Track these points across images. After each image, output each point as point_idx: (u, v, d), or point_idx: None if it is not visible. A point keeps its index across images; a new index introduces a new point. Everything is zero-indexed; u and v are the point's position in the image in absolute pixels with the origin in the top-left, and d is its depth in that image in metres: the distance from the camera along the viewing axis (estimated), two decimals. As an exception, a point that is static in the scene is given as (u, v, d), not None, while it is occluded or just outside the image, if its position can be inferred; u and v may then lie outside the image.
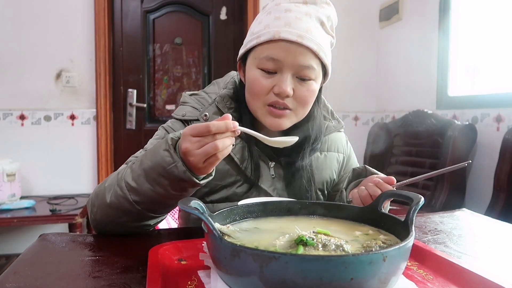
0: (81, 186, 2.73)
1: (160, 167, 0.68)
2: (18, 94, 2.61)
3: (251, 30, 0.86)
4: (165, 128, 0.93)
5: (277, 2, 0.85)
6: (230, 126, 0.64)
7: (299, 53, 0.80)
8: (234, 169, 0.89)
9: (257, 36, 0.82)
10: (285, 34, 0.78)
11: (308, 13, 0.82)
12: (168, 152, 0.67)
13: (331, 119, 1.02)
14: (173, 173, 0.67)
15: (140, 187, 0.71)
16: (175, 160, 0.66)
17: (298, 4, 0.83)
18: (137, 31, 2.91)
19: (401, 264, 0.48)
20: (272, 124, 0.85)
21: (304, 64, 0.80)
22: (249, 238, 0.59)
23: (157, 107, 3.00)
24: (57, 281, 0.57)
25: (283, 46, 0.79)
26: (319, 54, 0.81)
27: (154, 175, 0.69)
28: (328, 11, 0.86)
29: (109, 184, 0.76)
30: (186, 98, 0.96)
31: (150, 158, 0.70)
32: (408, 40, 2.88)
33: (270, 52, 0.80)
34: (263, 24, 0.83)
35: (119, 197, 0.73)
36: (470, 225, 0.93)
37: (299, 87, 0.82)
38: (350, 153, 1.06)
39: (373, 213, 0.66)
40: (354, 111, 3.24)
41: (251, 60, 0.85)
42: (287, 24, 0.80)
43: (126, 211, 0.74)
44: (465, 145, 2.17)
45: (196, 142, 0.64)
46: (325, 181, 0.99)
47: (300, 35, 0.79)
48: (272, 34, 0.79)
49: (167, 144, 0.68)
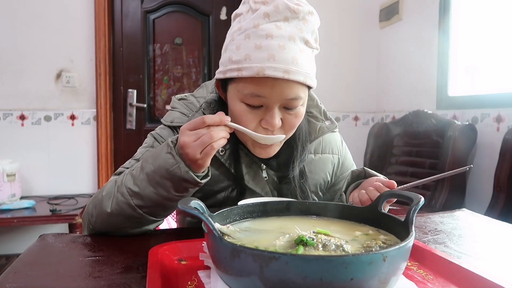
0: (81, 186, 2.74)
1: (163, 169, 0.71)
2: (18, 94, 2.61)
3: (228, 55, 0.76)
4: (153, 135, 0.93)
5: (255, 22, 0.74)
6: (224, 119, 0.70)
7: (285, 87, 0.73)
8: (225, 173, 0.89)
9: (238, 68, 0.74)
10: (270, 71, 0.71)
11: (291, 37, 0.73)
12: (170, 155, 0.71)
13: (323, 120, 0.98)
14: (176, 174, 0.70)
15: (143, 191, 0.73)
16: (178, 162, 0.70)
17: (279, 24, 0.73)
18: (137, 31, 2.91)
19: (401, 264, 0.48)
20: (261, 154, 0.83)
21: (291, 97, 0.75)
22: (249, 238, 0.59)
23: (157, 107, 3.00)
24: (57, 281, 0.57)
25: (268, 83, 0.72)
26: (306, 82, 0.75)
27: (157, 178, 0.72)
28: (312, 24, 0.77)
29: (108, 193, 0.77)
30: (175, 103, 0.95)
31: (152, 162, 0.73)
32: (408, 40, 2.88)
33: (254, 89, 0.74)
34: (243, 52, 0.74)
35: (120, 203, 0.74)
36: (470, 225, 0.93)
37: (286, 116, 0.79)
38: (345, 154, 1.05)
39: (373, 213, 0.66)
40: (354, 111, 3.24)
41: (233, 91, 0.78)
42: (271, 57, 0.71)
43: (128, 217, 0.75)
44: (465, 145, 2.17)
45: (193, 135, 0.69)
46: (319, 183, 0.98)
47: (286, 70, 0.71)
48: (256, 71, 0.71)
49: (168, 147, 0.71)
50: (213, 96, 0.92)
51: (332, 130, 1.00)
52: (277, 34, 0.73)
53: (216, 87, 0.87)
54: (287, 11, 0.73)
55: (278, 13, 0.73)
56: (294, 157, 0.89)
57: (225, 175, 0.89)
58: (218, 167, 0.88)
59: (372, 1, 3.21)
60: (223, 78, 0.78)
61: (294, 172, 0.89)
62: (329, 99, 2.99)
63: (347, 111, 3.22)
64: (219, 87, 0.85)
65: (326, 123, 0.98)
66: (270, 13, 0.73)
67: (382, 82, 3.22)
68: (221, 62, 0.80)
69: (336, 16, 3.03)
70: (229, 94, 0.80)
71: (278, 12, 0.73)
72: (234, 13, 0.82)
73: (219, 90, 0.87)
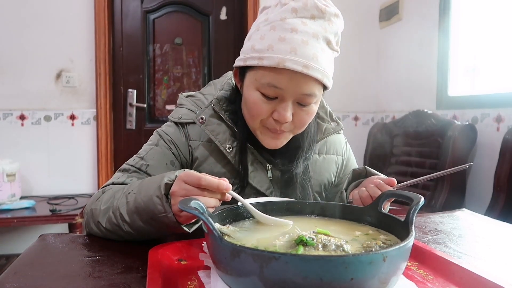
0: (81, 186, 2.73)
1: (151, 212, 0.68)
2: (18, 94, 2.61)
3: (251, 44, 0.79)
4: (159, 133, 0.93)
5: (282, 16, 0.76)
6: (223, 187, 0.62)
7: (303, 82, 0.75)
8: (231, 171, 0.89)
9: (259, 57, 0.76)
10: (290, 63, 0.73)
11: (315, 35, 0.75)
12: (160, 201, 0.66)
13: (329, 121, 1.00)
14: (163, 221, 0.67)
15: (133, 223, 0.72)
16: (167, 211, 0.66)
17: (305, 21, 0.75)
18: (137, 31, 2.91)
19: (401, 264, 0.48)
20: (269, 144, 0.85)
21: (307, 93, 0.77)
22: (249, 238, 0.59)
23: (157, 107, 3.00)
24: (57, 281, 0.57)
25: (286, 75, 0.74)
26: (323, 80, 0.77)
27: (146, 217, 0.70)
28: (336, 26, 0.79)
29: (105, 208, 0.77)
30: (182, 100, 0.96)
31: (143, 199, 0.70)
32: (408, 40, 2.88)
33: (272, 79, 0.76)
34: (266, 42, 0.76)
35: (113, 224, 0.75)
36: (470, 225, 0.93)
37: (298, 112, 0.80)
38: (349, 155, 1.05)
39: (373, 213, 0.66)
40: (354, 111, 3.24)
41: (251, 79, 0.80)
42: (293, 50, 0.73)
43: (120, 236, 0.76)
44: (465, 145, 2.17)
45: (183, 190, 0.64)
46: (323, 184, 0.99)
47: (305, 65, 0.73)
48: (276, 61, 0.73)
49: (159, 192, 0.67)
50: (223, 93, 0.93)
51: (338, 131, 1.01)
52: (302, 30, 0.75)
53: (234, 75, 0.89)
54: (314, 9, 0.76)
55: (306, 10, 0.76)
56: (300, 154, 0.90)
57: (231, 172, 0.89)
58: (224, 164, 0.89)
59: (372, 1, 3.21)
60: (243, 65, 0.80)
61: (298, 169, 0.90)
62: (329, 99, 2.97)
63: (347, 111, 3.22)
64: (237, 75, 0.87)
65: (332, 124, 1.00)
66: (298, 8, 0.76)
67: (382, 82, 3.22)
68: (243, 50, 0.82)
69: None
70: (246, 82, 0.82)
71: (306, 9, 0.76)
72: (262, 7, 0.84)
73: (236, 78, 0.89)
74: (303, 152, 0.90)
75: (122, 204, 0.74)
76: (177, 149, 0.90)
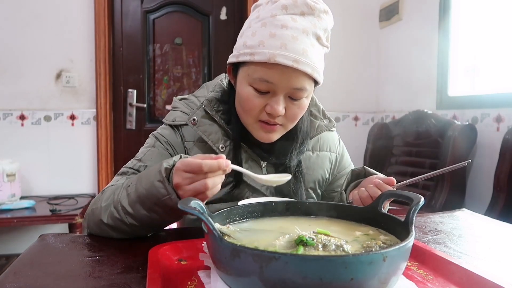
0: (81, 186, 2.73)
1: (154, 197, 0.68)
2: (18, 94, 2.61)
3: (243, 40, 0.82)
4: (155, 135, 0.94)
5: (273, 12, 0.79)
6: (223, 165, 0.64)
7: (293, 76, 0.78)
8: None
9: (251, 53, 0.78)
10: (280, 58, 0.75)
11: (305, 31, 0.78)
12: (162, 184, 0.67)
13: (322, 118, 1.03)
14: (167, 204, 0.67)
15: (136, 213, 0.72)
16: (169, 193, 0.66)
17: (295, 17, 0.78)
18: (137, 31, 2.91)
19: (401, 264, 0.48)
20: (263, 138, 0.87)
21: (298, 87, 0.79)
22: (249, 238, 0.59)
23: (157, 107, 3.00)
24: (57, 281, 0.57)
25: (277, 69, 0.77)
26: (314, 75, 0.79)
27: (149, 204, 0.70)
28: (326, 22, 0.81)
29: (106, 205, 0.77)
30: (176, 103, 0.98)
31: (145, 186, 0.70)
32: (408, 40, 2.88)
33: (264, 74, 0.78)
34: (257, 38, 0.78)
35: (115, 219, 0.75)
36: (470, 225, 0.93)
37: (290, 106, 0.83)
38: (343, 152, 1.08)
39: (373, 213, 0.66)
40: (354, 111, 3.24)
41: (243, 75, 0.82)
42: (283, 46, 0.76)
43: (123, 231, 0.76)
44: (465, 145, 2.17)
45: (187, 178, 0.64)
46: (317, 180, 1.00)
47: (295, 60, 0.76)
48: (267, 56, 0.76)
49: (161, 175, 0.67)
50: (214, 95, 0.95)
51: (330, 128, 1.03)
52: (292, 26, 0.77)
53: (228, 71, 0.91)
54: (304, 6, 0.78)
55: (296, 7, 0.78)
56: (293, 148, 0.92)
57: None
58: None
59: (372, 1, 3.21)
60: (236, 62, 0.83)
61: (292, 162, 0.91)
62: (329, 99, 2.99)
63: (347, 111, 3.22)
64: (230, 71, 0.89)
65: (324, 122, 1.02)
66: (288, 5, 0.78)
67: (382, 82, 3.22)
68: (236, 47, 0.85)
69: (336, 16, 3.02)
70: (239, 78, 0.84)
71: (295, 6, 0.78)
72: (254, 5, 0.87)
73: (229, 74, 0.91)
74: (297, 145, 0.92)
75: (124, 197, 0.74)
76: (173, 150, 0.92)
